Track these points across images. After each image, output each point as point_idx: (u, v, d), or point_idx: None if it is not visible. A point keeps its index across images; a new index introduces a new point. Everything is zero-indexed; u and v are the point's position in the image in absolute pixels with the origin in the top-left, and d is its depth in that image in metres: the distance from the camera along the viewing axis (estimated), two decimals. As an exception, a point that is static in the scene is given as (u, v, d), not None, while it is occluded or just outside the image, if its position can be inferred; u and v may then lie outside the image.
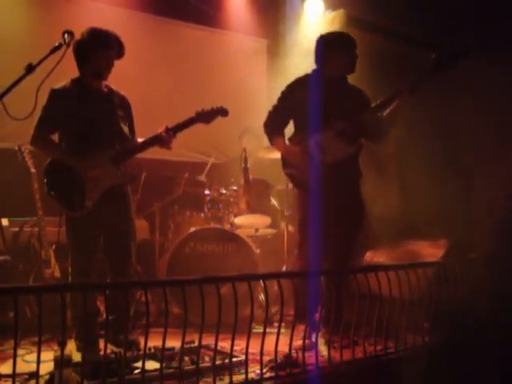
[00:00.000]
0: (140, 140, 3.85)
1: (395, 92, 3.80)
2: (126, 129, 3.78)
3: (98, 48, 3.59)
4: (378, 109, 3.86)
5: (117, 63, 3.77)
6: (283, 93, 4.05)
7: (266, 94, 6.63)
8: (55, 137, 3.72)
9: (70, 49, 3.33)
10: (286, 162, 4.04)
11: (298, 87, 3.98)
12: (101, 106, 3.69)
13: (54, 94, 3.58)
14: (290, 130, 4.12)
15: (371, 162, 4.53)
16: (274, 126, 4.06)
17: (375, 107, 3.86)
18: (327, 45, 3.94)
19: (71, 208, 3.60)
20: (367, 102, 3.98)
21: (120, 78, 3.95)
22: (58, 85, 3.60)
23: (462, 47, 3.75)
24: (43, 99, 3.58)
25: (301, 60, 5.54)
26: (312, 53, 4.04)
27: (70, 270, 3.73)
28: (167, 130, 3.68)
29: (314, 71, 4.02)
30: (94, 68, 3.64)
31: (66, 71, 3.65)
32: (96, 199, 3.58)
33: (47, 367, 2.89)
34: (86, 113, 3.62)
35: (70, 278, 3.73)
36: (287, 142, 4.05)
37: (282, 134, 4.07)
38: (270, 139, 4.10)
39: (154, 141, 3.72)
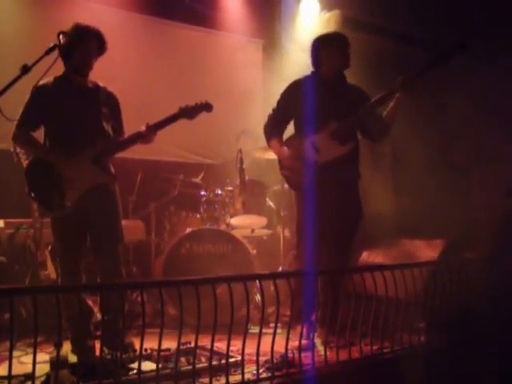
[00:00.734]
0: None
1: (390, 90, 3.82)
2: (108, 126, 3.74)
3: (78, 44, 3.55)
4: (375, 106, 3.88)
5: (113, 64, 3.75)
6: (282, 95, 4.09)
7: (261, 94, 6.65)
8: (40, 134, 3.68)
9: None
10: (281, 163, 4.08)
11: (296, 89, 4.01)
12: (83, 103, 3.64)
13: (35, 91, 3.52)
14: (290, 130, 4.14)
15: (367, 160, 4.54)
16: (272, 129, 4.10)
17: (372, 104, 3.88)
18: (320, 45, 3.98)
19: (50, 208, 3.58)
20: (366, 99, 3.99)
21: (115, 78, 3.95)
22: (40, 82, 3.52)
23: (458, 41, 3.74)
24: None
25: (296, 60, 5.55)
26: (307, 53, 4.07)
27: (59, 270, 3.72)
28: (148, 127, 3.68)
29: (312, 73, 4.07)
30: (75, 64, 3.62)
31: (61, 72, 3.65)
32: (75, 200, 3.53)
33: (43, 368, 2.88)
34: (66, 109, 3.58)
35: (59, 279, 3.72)
36: (285, 142, 4.07)
37: (279, 136, 4.10)
38: (268, 141, 4.14)
39: (135, 138, 3.70)
